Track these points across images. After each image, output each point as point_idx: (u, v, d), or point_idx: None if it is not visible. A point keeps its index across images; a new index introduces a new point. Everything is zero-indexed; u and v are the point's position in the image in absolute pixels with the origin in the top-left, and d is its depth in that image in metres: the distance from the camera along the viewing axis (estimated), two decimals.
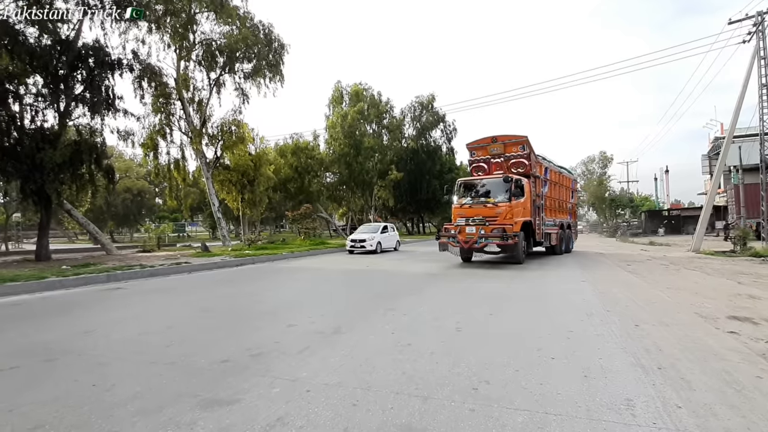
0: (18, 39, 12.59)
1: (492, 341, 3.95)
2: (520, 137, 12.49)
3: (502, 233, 10.42)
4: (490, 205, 11.31)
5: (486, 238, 10.67)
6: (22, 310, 6.15)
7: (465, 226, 11.31)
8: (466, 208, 11.79)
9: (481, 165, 13.15)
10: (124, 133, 17.05)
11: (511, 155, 12.51)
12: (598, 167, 55.53)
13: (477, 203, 11.70)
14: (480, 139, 13.42)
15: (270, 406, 2.54)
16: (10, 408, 2.59)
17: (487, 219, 11.04)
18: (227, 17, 18.70)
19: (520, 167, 12.28)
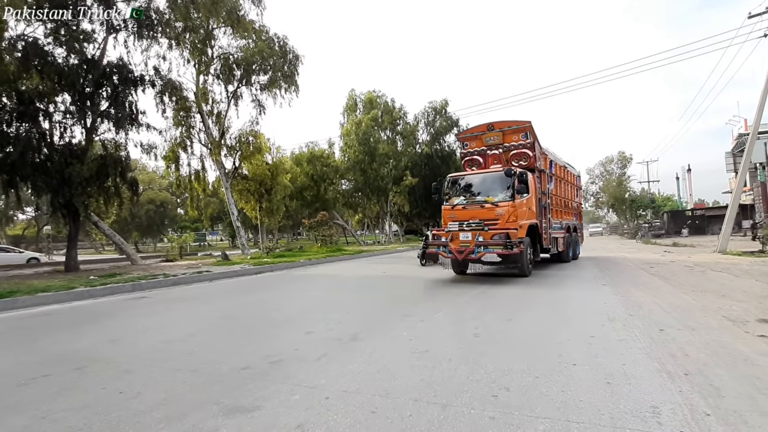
0: (47, 59, 13.25)
1: (510, 347, 3.90)
2: (521, 123, 10.46)
3: (504, 240, 8.39)
4: (488, 205, 9.23)
5: (485, 247, 8.54)
6: (53, 319, 6.40)
7: (458, 232, 9.23)
8: (459, 209, 9.65)
9: (476, 158, 11.20)
10: (147, 146, 17.63)
11: (512, 145, 10.51)
12: (616, 168, 54.22)
13: (472, 204, 9.56)
14: (473, 127, 11.49)
15: (290, 413, 2.57)
16: (42, 415, 2.70)
17: (486, 222, 9.03)
18: (244, 31, 19.20)
19: (522, 159, 10.29)
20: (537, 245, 10.08)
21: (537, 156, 10.41)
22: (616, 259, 14.09)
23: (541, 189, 10.63)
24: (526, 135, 10.39)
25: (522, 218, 9.17)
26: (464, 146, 11.53)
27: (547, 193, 10.99)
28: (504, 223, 8.91)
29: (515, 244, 8.35)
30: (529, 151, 10.28)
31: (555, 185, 12.09)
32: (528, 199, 9.54)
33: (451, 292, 7.68)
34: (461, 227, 9.34)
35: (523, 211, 9.35)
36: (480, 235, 8.76)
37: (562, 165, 13.10)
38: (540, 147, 10.74)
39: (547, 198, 11.03)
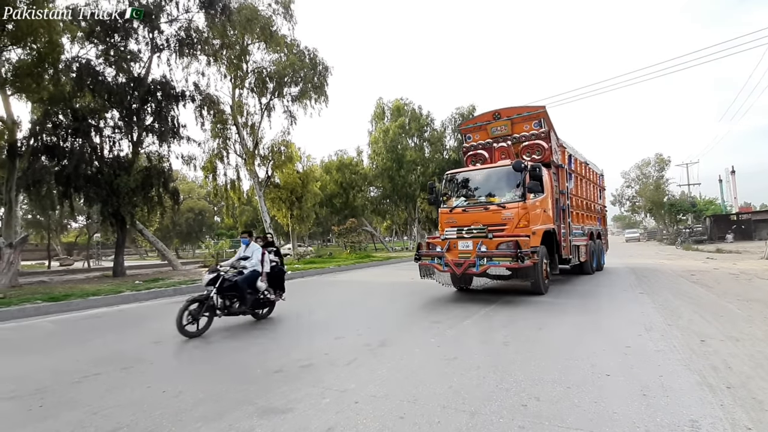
0: (98, 79, 14.33)
1: (541, 356, 3.82)
2: (534, 109, 8.74)
3: (513, 249, 6.72)
4: (493, 207, 7.62)
5: (489, 259, 6.89)
6: (103, 321, 6.86)
7: (457, 240, 7.58)
8: (458, 213, 7.99)
9: (480, 153, 9.40)
10: (187, 157, 18.69)
11: (523, 136, 8.80)
12: (653, 170, 51.50)
13: (474, 205, 7.97)
14: (477, 116, 9.98)
15: (321, 416, 2.65)
16: (94, 411, 2.92)
17: (491, 228, 7.38)
18: (276, 46, 19.97)
19: (536, 152, 8.60)
20: (554, 255, 8.31)
21: (553, 148, 8.64)
22: (654, 266, 13.37)
23: (558, 187, 8.94)
24: (539, 123, 8.64)
25: (535, 222, 7.55)
26: (466, 139, 9.84)
27: (565, 192, 9.20)
28: (513, 229, 7.29)
29: (527, 255, 6.70)
30: (544, 143, 8.53)
31: (575, 184, 10.34)
32: (543, 199, 7.91)
33: (479, 299, 7.58)
34: (460, 234, 7.66)
35: (537, 214, 7.70)
36: (483, 243, 7.10)
37: (582, 161, 11.34)
38: (557, 138, 8.97)
39: (566, 199, 9.22)
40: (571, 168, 10.00)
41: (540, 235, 7.44)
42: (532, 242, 7.05)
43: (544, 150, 8.59)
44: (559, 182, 9.03)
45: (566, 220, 9.12)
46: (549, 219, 8.19)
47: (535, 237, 7.20)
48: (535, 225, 7.51)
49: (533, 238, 7.14)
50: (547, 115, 8.64)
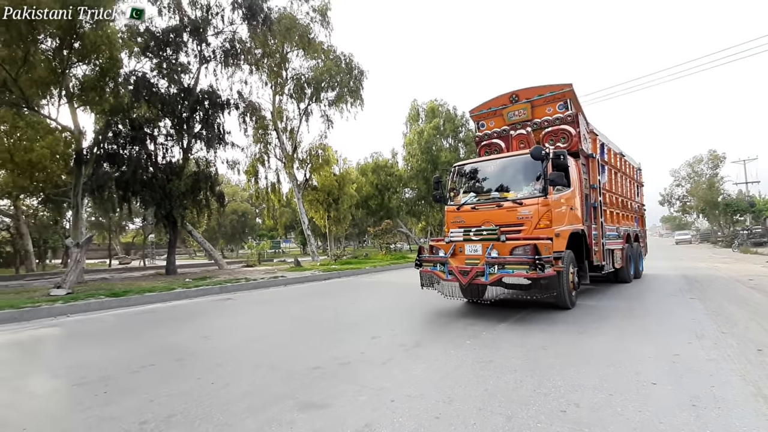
0: (153, 90, 15.43)
1: (581, 362, 3.69)
2: (558, 88, 7.30)
3: (531, 256, 5.44)
4: (508, 203, 6.39)
5: (501, 266, 5.65)
6: (157, 316, 7.38)
7: (464, 243, 6.36)
8: (466, 211, 6.82)
9: (495, 142, 8.06)
10: (232, 162, 19.69)
11: (545, 120, 7.48)
12: (706, 168, 47.41)
13: (486, 202, 6.76)
14: (491, 100, 8.18)
15: (358, 413, 2.73)
16: (151, 399, 3.17)
17: (504, 229, 6.16)
18: (314, 52, 20.57)
19: (561, 140, 7.30)
20: (584, 261, 7.02)
21: (582, 135, 7.31)
22: (706, 270, 12.37)
23: (588, 181, 7.64)
24: (565, 104, 7.26)
25: (560, 222, 6.26)
26: (479, 127, 8.49)
27: (597, 187, 7.82)
28: (531, 230, 6.05)
29: (548, 262, 5.47)
30: (571, 128, 7.19)
31: (609, 177, 8.99)
32: (569, 194, 6.60)
33: (514, 302, 7.40)
34: (467, 236, 6.43)
35: (562, 212, 6.40)
36: (493, 247, 5.79)
37: (617, 152, 9.93)
38: (586, 122, 7.67)
39: (598, 194, 7.84)
40: (603, 159, 8.54)
41: (566, 237, 6.17)
42: (556, 246, 5.80)
43: (571, 136, 7.20)
44: (589, 175, 7.69)
45: (598, 219, 7.79)
46: (577, 218, 6.86)
47: (559, 240, 5.96)
48: (560, 225, 6.23)
49: (557, 241, 5.87)
50: (574, 95, 7.23)
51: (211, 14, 16.77)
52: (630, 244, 9.95)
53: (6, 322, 6.80)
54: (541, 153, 6.07)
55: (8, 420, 2.93)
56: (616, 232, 8.99)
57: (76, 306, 7.86)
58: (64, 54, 14.43)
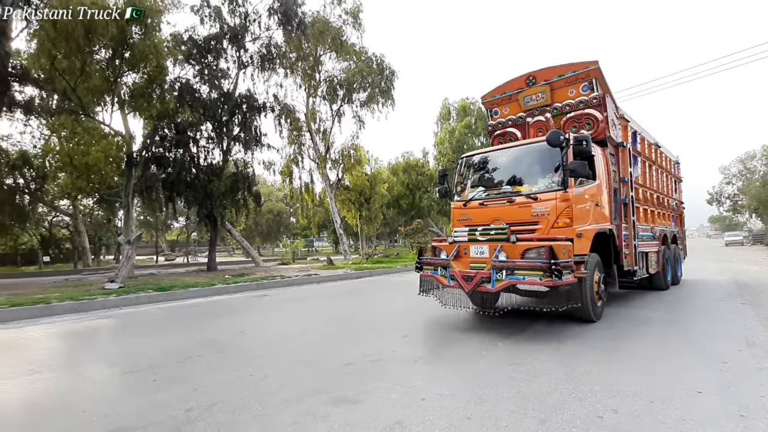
0: (195, 96, 16.24)
1: (619, 368, 3.55)
2: (582, 66, 6.31)
3: (546, 260, 4.63)
4: (520, 199, 5.53)
5: (510, 272, 4.82)
6: (200, 310, 7.79)
7: (468, 244, 5.57)
8: (474, 207, 6.00)
9: (510, 131, 7.20)
10: (267, 163, 20.46)
11: (567, 104, 6.50)
12: (760, 165, 43.50)
13: (496, 197, 5.89)
14: (505, 83, 7.21)
15: (389, 409, 2.78)
16: (195, 387, 3.37)
17: (516, 228, 5.34)
18: (346, 54, 20.90)
19: (585, 126, 6.33)
20: (612, 266, 6.11)
21: (610, 120, 6.33)
22: (759, 274, 11.39)
23: (618, 174, 6.71)
24: (590, 85, 6.28)
25: (582, 220, 5.37)
26: (492, 115, 7.56)
27: (628, 181, 6.82)
28: (548, 229, 5.22)
29: (567, 267, 4.66)
30: (597, 112, 6.21)
31: (642, 170, 7.94)
32: (594, 188, 5.70)
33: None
34: (472, 236, 5.59)
35: (585, 208, 5.49)
36: (502, 250, 5.01)
37: (652, 142, 8.78)
38: (615, 106, 6.70)
39: (630, 189, 6.83)
40: (635, 148, 7.49)
41: (589, 238, 5.35)
42: (578, 248, 5.00)
43: (597, 122, 6.23)
44: (618, 167, 6.73)
45: (629, 218, 6.78)
46: (603, 216, 5.91)
47: (581, 241, 5.14)
48: (582, 224, 5.33)
49: (579, 242, 5.06)
50: (600, 74, 6.23)
51: (249, 21, 17.42)
52: (666, 246, 8.83)
53: (67, 312, 7.42)
54: (559, 138, 5.13)
55: (70, 402, 3.22)
56: (650, 232, 7.97)
57: (127, 299, 8.44)
58: (116, 63, 15.49)
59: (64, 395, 3.39)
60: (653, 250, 7.94)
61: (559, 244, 4.75)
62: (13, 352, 4.94)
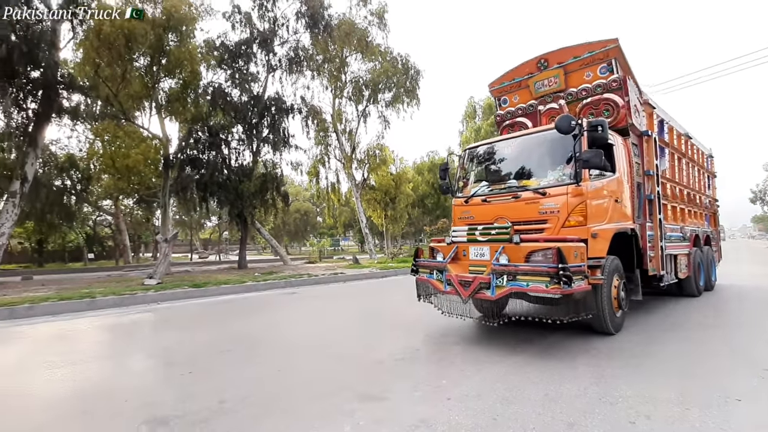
0: (227, 99, 16.80)
1: (653, 372, 3.42)
2: (599, 45, 5.65)
3: (553, 264, 3.97)
4: (527, 194, 4.93)
5: (512, 277, 4.20)
6: (232, 306, 8.08)
7: (467, 245, 5.00)
8: (477, 204, 5.41)
9: (520, 121, 6.52)
10: (295, 163, 20.93)
11: (583, 89, 5.82)
12: None
13: (500, 192, 5.26)
14: (514, 68, 6.56)
15: (414, 407, 2.81)
16: (228, 380, 3.52)
17: (520, 227, 4.76)
18: (371, 55, 21.05)
19: (603, 113, 5.68)
20: (635, 271, 5.42)
21: (632, 105, 5.67)
22: None
23: (642, 166, 6.01)
24: (608, 66, 5.64)
25: (599, 218, 4.75)
26: (501, 104, 6.90)
27: (654, 174, 6.10)
28: (558, 229, 4.62)
29: (579, 272, 4.04)
30: (617, 97, 5.56)
31: (671, 163, 7.22)
32: (613, 182, 5.09)
33: None
34: (471, 235, 4.96)
35: (602, 205, 4.88)
36: (504, 251, 4.43)
37: (682, 133, 7.99)
38: (638, 89, 6.00)
39: (655, 184, 6.11)
40: (663, 138, 6.78)
41: (607, 238, 4.71)
42: (593, 250, 4.43)
43: (617, 108, 5.55)
44: (642, 158, 6.02)
45: (655, 216, 6.06)
46: (624, 214, 5.27)
47: (597, 242, 4.54)
48: (599, 223, 4.72)
49: (594, 243, 4.48)
50: (620, 53, 5.57)
51: (278, 25, 17.86)
52: (698, 248, 8.00)
53: (111, 306, 7.89)
54: (570, 124, 4.48)
55: (114, 391, 3.45)
56: (679, 232, 7.19)
57: (165, 295, 8.86)
58: (153, 70, 16.28)
59: (109, 384, 3.62)
60: (683, 252, 7.19)
61: (569, 245, 4.13)
62: (62, 342, 5.31)
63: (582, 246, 4.24)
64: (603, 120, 4.63)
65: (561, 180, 4.76)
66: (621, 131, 5.59)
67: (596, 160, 4.41)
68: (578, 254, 4.11)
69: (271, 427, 2.60)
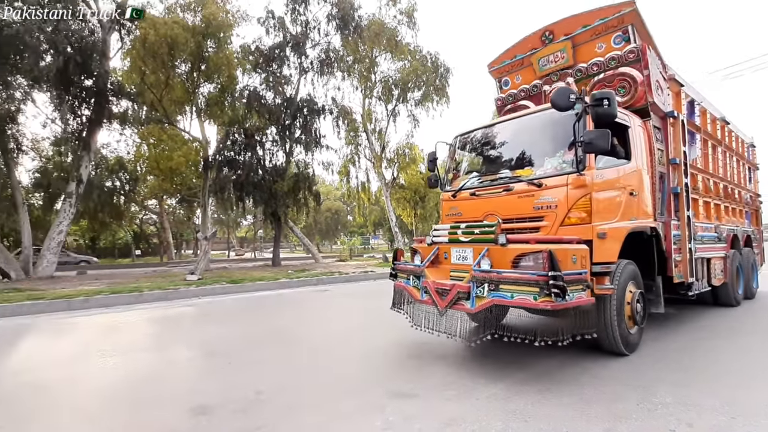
0: (261, 102, 17.35)
1: (697, 379, 3.27)
2: (613, 11, 4.86)
3: (543, 271, 3.20)
4: (520, 186, 4.14)
5: (494, 287, 3.39)
6: (266, 302, 8.37)
7: (450, 246, 4.25)
8: (465, 198, 4.73)
9: (523, 105, 5.68)
10: (326, 163, 21.29)
11: (595, 63, 5.05)
12: None
13: (491, 185, 4.51)
14: (515, 44, 5.80)
15: (444, 406, 2.83)
16: (264, 372, 3.69)
17: (511, 224, 4.14)
18: (401, 54, 21.03)
19: (619, 91, 4.77)
20: (656, 278, 4.55)
21: (654, 81, 4.79)
22: None
23: (666, 153, 5.09)
24: (624, 35, 4.85)
25: (607, 215, 3.94)
26: (502, 86, 6.12)
27: (681, 163, 5.16)
28: (556, 227, 3.85)
29: (577, 281, 3.33)
30: (635, 71, 4.67)
31: (703, 151, 6.23)
32: (627, 171, 4.27)
33: None
34: (453, 234, 4.21)
35: (612, 198, 4.06)
36: (488, 254, 3.69)
37: (718, 117, 6.93)
38: (662, 63, 5.07)
39: (683, 175, 5.16)
40: (694, 122, 5.87)
41: (619, 238, 3.90)
42: (600, 254, 3.66)
43: (635, 84, 4.65)
44: (667, 144, 5.11)
45: (682, 212, 5.10)
46: (642, 210, 4.41)
47: (606, 243, 3.73)
48: (608, 220, 3.90)
49: (601, 245, 3.69)
50: (638, 18, 4.75)
51: (309, 28, 18.22)
52: (737, 250, 6.93)
53: (156, 300, 8.39)
54: (569, 98, 3.66)
55: (161, 379, 3.69)
56: (713, 232, 6.19)
57: (205, 290, 9.32)
58: (194, 76, 17.09)
59: (156, 372, 3.88)
60: (718, 255, 6.16)
61: (565, 248, 3.37)
62: (114, 333, 5.73)
63: (583, 249, 3.48)
64: (610, 91, 3.72)
65: (561, 169, 3.93)
66: (640, 112, 4.73)
67: (601, 143, 3.54)
68: (577, 258, 3.37)
69: (306, 417, 2.71)
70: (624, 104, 4.60)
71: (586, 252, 3.48)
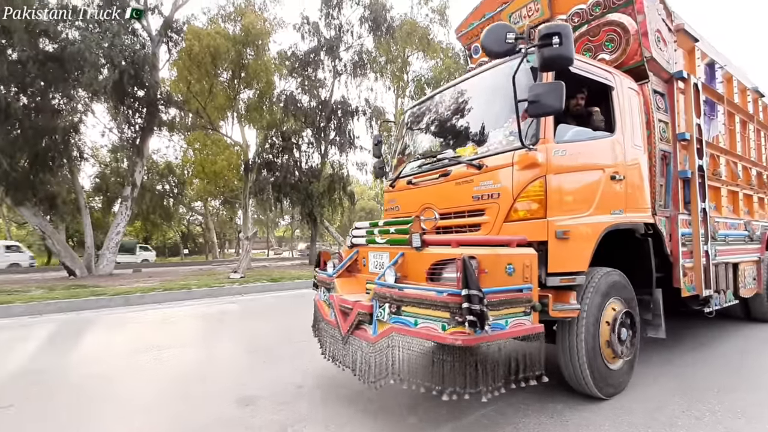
0: (298, 105, 17.89)
1: (747, 387, 3.08)
2: None
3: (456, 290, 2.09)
4: (458, 170, 3.07)
5: (395, 309, 2.35)
6: (305, 300, 8.50)
7: (366, 249, 3.25)
8: (403, 188, 3.69)
9: None
10: (360, 164, 21.57)
11: (576, 13, 3.83)
12: None
13: (429, 170, 3.41)
14: (483, 1, 4.68)
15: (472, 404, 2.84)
16: (304, 368, 3.86)
17: (448, 220, 3.14)
18: (433, 53, 20.92)
19: (605, 45, 3.63)
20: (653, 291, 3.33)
21: (654, 32, 3.53)
22: None
23: (672, 127, 3.84)
24: None
25: (572, 206, 2.83)
26: (472, 54, 4.96)
27: (693, 139, 3.85)
28: (498, 224, 2.80)
29: (508, 304, 2.25)
30: (626, 17, 3.50)
31: (729, 127, 4.94)
32: (606, 148, 3.11)
33: None
34: (371, 235, 3.19)
35: (581, 183, 2.93)
36: (400, 261, 2.72)
37: (749, 87, 5.45)
38: (666, 11, 3.81)
39: (695, 155, 3.84)
40: (714, 89, 4.62)
41: (591, 239, 2.80)
42: (559, 261, 2.63)
43: (626, 35, 3.51)
44: (673, 114, 3.85)
45: (694, 204, 3.80)
46: (631, 200, 3.21)
47: (570, 245, 2.67)
48: (576, 213, 2.82)
49: (563, 248, 2.65)
50: None
51: (343, 32, 18.55)
52: None
53: (203, 297, 8.92)
54: (505, 38, 2.58)
55: (207, 372, 3.96)
56: (743, 230, 4.80)
57: (246, 288, 9.78)
58: (234, 83, 17.90)
59: (202, 365, 4.16)
60: (749, 258, 4.83)
61: (494, 253, 2.35)
62: (165, 328, 6.16)
63: (526, 254, 2.42)
64: (562, 26, 2.49)
65: (509, 144, 2.85)
66: (635, 72, 3.56)
67: (551, 99, 2.48)
68: (516, 268, 2.32)
69: (342, 411, 2.83)
70: (613, 62, 3.54)
71: (532, 258, 2.41)
